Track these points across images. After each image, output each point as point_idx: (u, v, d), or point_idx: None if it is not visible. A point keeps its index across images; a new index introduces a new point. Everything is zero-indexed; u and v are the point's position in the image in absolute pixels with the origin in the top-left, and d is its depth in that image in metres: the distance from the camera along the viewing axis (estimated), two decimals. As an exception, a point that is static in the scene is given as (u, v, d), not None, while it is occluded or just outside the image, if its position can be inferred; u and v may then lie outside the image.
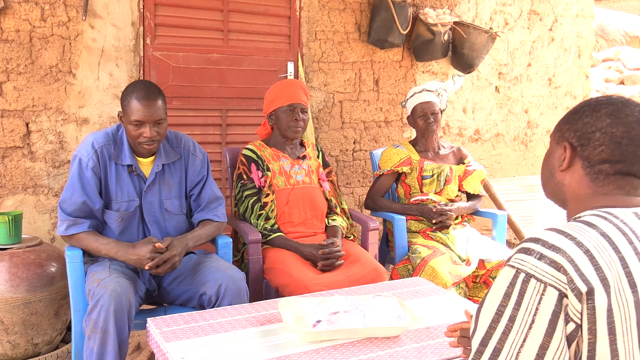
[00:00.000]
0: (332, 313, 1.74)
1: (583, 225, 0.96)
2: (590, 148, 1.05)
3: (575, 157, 1.08)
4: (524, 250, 0.95)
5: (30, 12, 2.96)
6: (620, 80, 6.78)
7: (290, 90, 2.65)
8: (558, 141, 1.12)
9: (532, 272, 0.91)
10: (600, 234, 0.94)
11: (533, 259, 0.92)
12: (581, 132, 1.06)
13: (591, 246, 0.92)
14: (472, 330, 0.97)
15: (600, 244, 0.92)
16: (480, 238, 2.90)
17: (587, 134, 1.05)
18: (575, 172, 1.08)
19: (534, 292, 0.90)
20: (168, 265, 2.05)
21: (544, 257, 0.91)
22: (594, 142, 1.04)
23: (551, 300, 0.89)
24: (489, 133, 4.51)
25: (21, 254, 2.38)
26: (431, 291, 2.15)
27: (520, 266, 0.93)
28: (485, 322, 0.94)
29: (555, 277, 0.89)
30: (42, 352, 2.44)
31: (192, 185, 2.33)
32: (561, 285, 0.89)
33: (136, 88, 2.12)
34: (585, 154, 1.06)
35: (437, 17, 3.79)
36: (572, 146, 1.08)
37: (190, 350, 1.59)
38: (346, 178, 3.95)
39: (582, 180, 1.07)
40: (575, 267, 0.89)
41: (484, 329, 0.94)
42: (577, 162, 1.08)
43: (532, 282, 0.90)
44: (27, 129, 3.02)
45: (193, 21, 3.34)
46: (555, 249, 0.91)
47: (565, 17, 4.71)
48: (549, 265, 0.90)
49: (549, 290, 0.89)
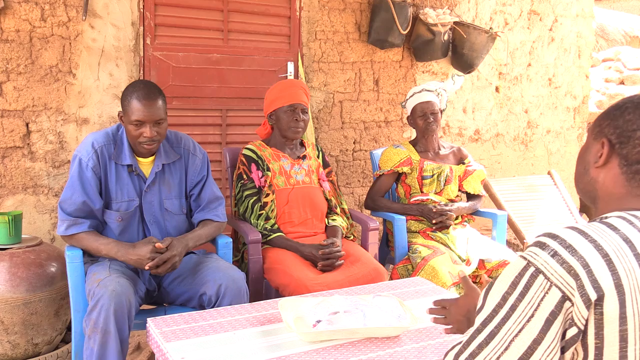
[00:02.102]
0: (332, 313, 1.74)
1: (606, 228, 0.94)
2: (630, 147, 1.02)
3: (613, 154, 1.04)
4: (539, 245, 0.94)
5: (30, 12, 2.96)
6: (620, 80, 6.78)
7: (291, 90, 2.65)
8: (596, 136, 1.08)
9: (542, 268, 0.91)
10: (623, 239, 0.92)
11: (546, 255, 0.91)
12: (622, 130, 1.03)
13: (611, 250, 0.90)
14: (479, 307, 0.98)
15: (620, 249, 0.90)
16: (480, 238, 2.90)
17: (628, 132, 1.02)
18: (611, 170, 1.05)
19: (539, 288, 0.90)
20: (168, 265, 2.05)
21: (557, 255, 0.90)
22: (634, 141, 1.01)
23: (552, 300, 0.89)
24: (489, 133, 4.51)
25: (21, 254, 2.38)
26: (431, 291, 2.15)
27: (532, 259, 0.93)
28: (491, 304, 0.95)
29: (564, 278, 0.89)
30: (42, 352, 2.44)
31: (192, 185, 2.33)
32: (567, 288, 0.88)
33: (136, 88, 2.12)
34: (624, 152, 1.03)
35: (437, 17, 3.79)
36: (610, 143, 1.05)
37: (190, 350, 1.59)
38: (346, 178, 3.95)
39: (618, 179, 1.04)
40: (589, 272, 0.88)
41: (488, 310, 0.95)
42: (614, 160, 1.04)
43: (540, 278, 0.90)
44: (27, 129, 3.02)
45: (193, 21, 3.34)
46: (572, 250, 0.90)
47: (565, 17, 4.71)
48: (560, 265, 0.89)
49: (554, 290, 0.89)
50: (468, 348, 0.95)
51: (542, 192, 4.12)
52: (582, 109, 4.95)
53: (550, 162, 4.84)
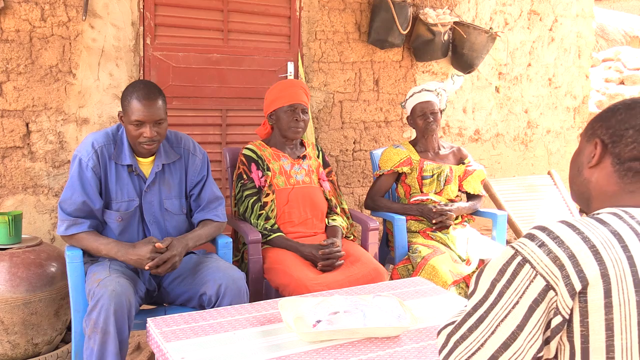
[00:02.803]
0: (332, 313, 1.74)
1: (595, 222, 0.97)
2: (622, 145, 1.05)
3: (606, 154, 1.08)
4: (529, 236, 0.98)
5: (30, 12, 2.96)
6: (620, 80, 6.77)
7: (291, 90, 2.65)
8: (589, 138, 1.11)
9: (528, 257, 0.95)
10: (611, 232, 0.95)
11: (533, 245, 0.95)
12: (614, 129, 1.06)
13: (598, 242, 0.93)
14: (471, 291, 1.03)
15: (608, 241, 0.93)
16: (480, 238, 2.90)
17: (620, 131, 1.05)
18: (604, 169, 1.08)
19: (525, 277, 0.94)
20: (168, 265, 2.05)
21: (544, 245, 0.94)
22: (626, 139, 1.05)
23: (536, 288, 0.93)
24: (489, 133, 4.51)
25: (21, 254, 2.38)
26: (431, 291, 2.15)
27: (520, 249, 0.97)
28: (482, 289, 0.99)
29: (549, 268, 0.92)
30: (42, 352, 2.44)
31: (192, 185, 2.33)
32: (552, 277, 0.92)
33: (136, 88, 2.12)
34: (617, 150, 1.06)
35: (437, 17, 3.79)
36: (603, 143, 1.08)
37: (190, 350, 1.59)
38: (346, 178, 3.95)
39: (611, 177, 1.07)
40: (575, 262, 0.91)
41: (480, 295, 0.99)
42: (607, 159, 1.08)
43: (527, 267, 0.94)
44: (27, 129, 3.02)
45: (193, 21, 3.34)
46: (559, 241, 0.94)
47: (565, 17, 4.71)
48: (547, 255, 0.93)
49: (538, 278, 0.93)
50: (459, 330, 1.00)
51: (542, 192, 4.12)
52: (582, 109, 4.95)
53: (550, 162, 4.84)
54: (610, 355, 0.91)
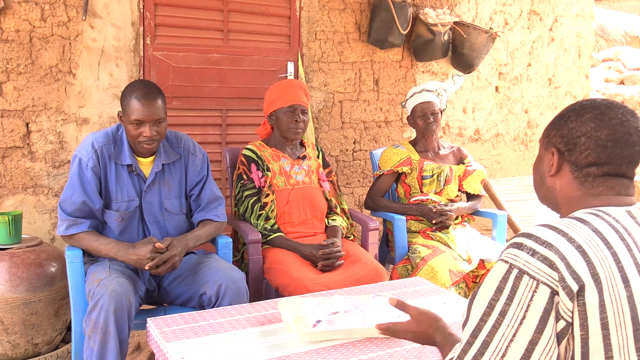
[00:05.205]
0: (332, 313, 1.74)
1: (575, 222, 0.97)
2: (577, 152, 1.07)
3: (564, 162, 1.10)
4: (516, 245, 0.96)
5: (30, 12, 2.96)
6: (620, 80, 6.77)
7: (291, 91, 2.65)
8: (546, 147, 1.14)
9: (525, 268, 0.93)
10: (592, 230, 0.96)
11: (526, 255, 0.93)
12: (567, 138, 1.08)
13: (583, 242, 0.93)
14: (464, 321, 0.99)
15: (591, 240, 0.94)
16: (481, 238, 2.90)
17: (573, 139, 1.07)
18: (565, 177, 1.10)
19: (527, 289, 0.91)
20: (168, 265, 2.05)
21: (536, 253, 0.93)
22: (580, 147, 1.07)
23: (543, 297, 0.91)
24: (489, 133, 4.51)
25: (21, 254, 2.38)
26: (431, 291, 2.15)
27: (514, 261, 0.94)
28: (477, 314, 0.95)
29: (548, 274, 0.91)
30: (42, 352, 2.44)
31: (192, 185, 2.33)
32: (553, 282, 0.91)
33: (136, 88, 2.12)
34: (573, 158, 1.08)
35: (437, 17, 3.79)
36: (559, 151, 1.10)
37: (190, 350, 1.59)
38: (346, 178, 3.95)
39: (572, 184, 1.09)
40: (567, 264, 0.91)
41: (475, 320, 0.95)
42: (566, 167, 1.10)
43: (525, 278, 0.92)
44: (27, 129, 3.02)
45: (193, 21, 3.34)
46: (547, 245, 0.93)
47: (565, 17, 4.71)
48: (541, 262, 0.92)
49: (542, 287, 0.91)
50: None
51: (541, 194, 4.12)
52: (582, 109, 4.94)
53: (550, 162, 4.83)
54: (608, 354, 0.91)
